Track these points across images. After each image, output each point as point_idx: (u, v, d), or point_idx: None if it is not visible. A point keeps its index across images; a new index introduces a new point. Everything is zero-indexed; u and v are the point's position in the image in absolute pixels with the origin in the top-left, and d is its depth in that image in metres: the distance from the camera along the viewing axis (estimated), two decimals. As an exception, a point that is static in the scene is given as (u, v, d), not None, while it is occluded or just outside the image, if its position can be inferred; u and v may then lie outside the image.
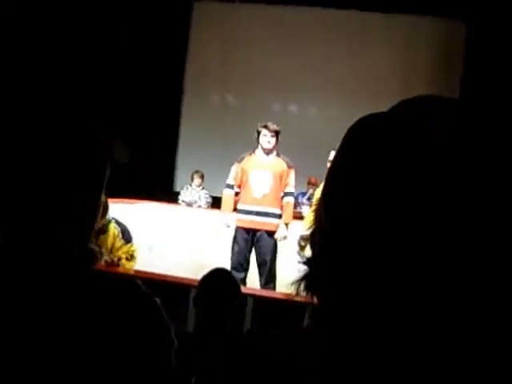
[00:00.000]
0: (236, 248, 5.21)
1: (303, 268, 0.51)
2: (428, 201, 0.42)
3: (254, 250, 5.22)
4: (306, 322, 3.71)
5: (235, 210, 5.33)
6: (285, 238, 5.15)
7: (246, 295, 4.12)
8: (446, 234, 0.42)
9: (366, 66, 9.95)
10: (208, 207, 8.66)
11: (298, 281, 0.50)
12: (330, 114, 10.21)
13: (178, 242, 6.66)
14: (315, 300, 0.51)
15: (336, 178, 0.49)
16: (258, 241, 5.17)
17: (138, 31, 9.64)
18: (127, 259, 3.98)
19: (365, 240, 0.45)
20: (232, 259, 5.23)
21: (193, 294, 4.09)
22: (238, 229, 5.22)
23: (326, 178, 0.50)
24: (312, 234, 0.51)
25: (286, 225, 5.16)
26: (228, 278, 2.58)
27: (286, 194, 5.22)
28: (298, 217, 6.31)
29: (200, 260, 5.78)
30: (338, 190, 0.48)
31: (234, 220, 5.26)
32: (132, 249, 4.07)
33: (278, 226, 5.15)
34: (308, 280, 0.50)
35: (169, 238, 6.71)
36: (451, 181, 0.42)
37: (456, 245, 0.41)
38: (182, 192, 8.93)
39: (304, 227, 5.03)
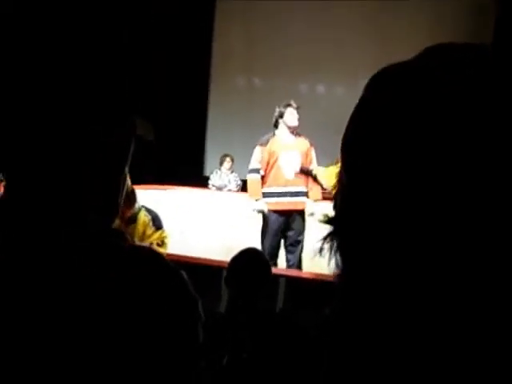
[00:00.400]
0: (271, 232, 5.19)
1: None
2: (444, 152, 0.41)
3: (286, 231, 5.22)
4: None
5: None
6: (312, 214, 5.16)
7: (278, 276, 4.14)
8: (465, 187, 0.41)
9: (393, 45, 9.76)
10: (238, 190, 8.66)
11: (321, 240, 0.50)
12: (358, 93, 10.04)
13: (208, 226, 6.69)
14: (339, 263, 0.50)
15: (354, 133, 0.48)
16: (293, 221, 5.18)
17: (164, 16, 9.64)
18: (158, 245, 3.98)
19: (383, 194, 0.44)
20: (265, 244, 5.19)
21: (224, 275, 4.13)
22: (270, 212, 5.20)
23: (344, 135, 0.49)
24: (335, 195, 0.50)
25: (315, 201, 5.18)
26: (258, 257, 2.59)
27: (312, 171, 5.24)
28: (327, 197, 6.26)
29: (231, 243, 5.81)
30: (357, 144, 0.47)
31: (265, 204, 5.24)
32: (163, 235, 4.08)
33: (306, 205, 5.17)
34: (331, 240, 0.50)
35: (200, 222, 6.75)
36: (465, 132, 0.41)
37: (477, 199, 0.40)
38: (211, 176, 8.94)
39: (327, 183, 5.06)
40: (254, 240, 5.42)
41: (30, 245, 0.68)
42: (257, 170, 5.32)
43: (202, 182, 9.28)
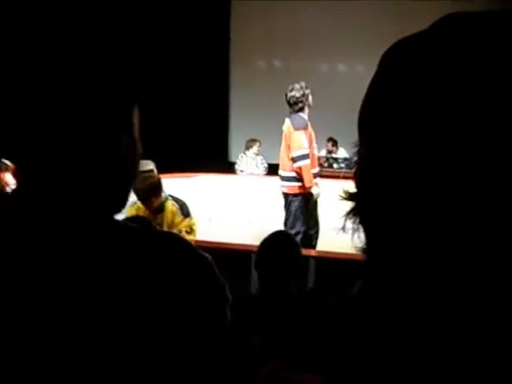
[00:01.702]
0: (309, 212, 5.32)
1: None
2: (461, 129, 0.39)
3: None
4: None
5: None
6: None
7: (308, 257, 4.14)
8: (484, 160, 0.39)
9: (414, 22, 9.60)
10: (265, 174, 8.68)
11: (344, 216, 0.49)
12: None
13: (236, 211, 6.72)
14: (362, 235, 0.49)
15: (370, 109, 0.47)
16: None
17: (181, 2, 9.63)
18: (187, 232, 4.04)
19: (402, 169, 0.43)
20: (307, 224, 5.30)
21: (253, 259, 4.15)
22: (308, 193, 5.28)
23: (361, 111, 0.49)
24: (355, 172, 0.50)
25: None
26: (288, 239, 2.59)
27: None
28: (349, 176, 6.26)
29: (259, 228, 5.83)
30: (373, 120, 0.46)
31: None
32: (191, 222, 4.13)
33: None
34: (353, 216, 0.49)
35: (227, 208, 6.78)
36: (485, 107, 0.39)
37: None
38: (238, 161, 8.97)
39: None
40: (281, 224, 5.43)
41: (33, 243, 0.68)
42: (307, 156, 5.20)
43: (227, 167, 9.31)
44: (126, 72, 0.73)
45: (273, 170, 8.95)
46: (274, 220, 5.99)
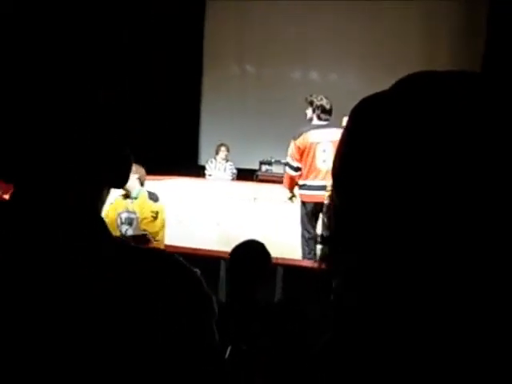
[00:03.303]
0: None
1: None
2: (425, 177, 0.44)
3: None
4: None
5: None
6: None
7: (276, 265, 4.17)
8: (459, 207, 0.43)
9: (383, 32, 9.76)
10: (233, 179, 8.69)
11: (319, 259, 0.53)
12: (351, 79, 10.07)
13: (205, 215, 6.71)
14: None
15: (343, 161, 0.52)
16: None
17: (155, 6, 9.58)
18: (153, 218, 4.27)
19: (375, 215, 0.47)
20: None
21: (222, 265, 4.16)
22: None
23: (334, 161, 0.53)
24: (327, 216, 0.54)
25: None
26: (258, 248, 2.61)
27: None
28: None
29: (228, 232, 5.84)
30: (346, 172, 0.51)
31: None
32: (159, 208, 4.35)
33: None
34: (328, 258, 0.53)
35: (196, 211, 6.77)
36: (460, 159, 0.43)
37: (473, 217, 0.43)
38: (207, 166, 8.96)
39: None
40: (250, 229, 5.45)
41: (30, 246, 0.69)
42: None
43: (197, 171, 9.28)
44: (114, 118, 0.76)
45: (243, 174, 8.97)
46: (241, 224, 6.02)
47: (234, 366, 2.02)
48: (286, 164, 5.27)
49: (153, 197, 4.41)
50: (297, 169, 5.07)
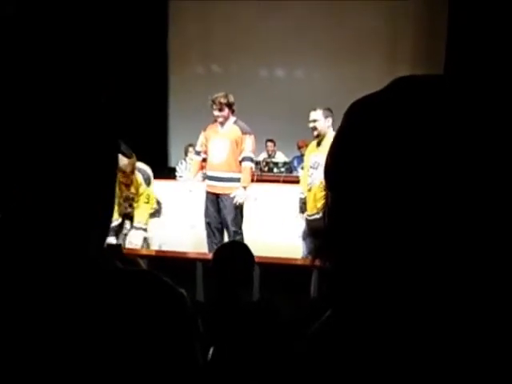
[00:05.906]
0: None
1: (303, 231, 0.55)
2: (413, 173, 0.47)
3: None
4: (312, 287, 3.77)
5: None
6: (242, 199, 5.48)
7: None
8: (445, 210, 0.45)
9: (351, 27, 9.83)
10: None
11: (313, 252, 0.55)
12: (318, 76, 10.14)
13: (177, 216, 6.68)
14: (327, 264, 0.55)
15: (336, 159, 0.54)
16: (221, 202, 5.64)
17: (118, 6, 9.47)
18: (145, 202, 5.14)
19: (369, 211, 0.49)
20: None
21: (198, 267, 4.15)
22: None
23: (326, 161, 0.55)
24: (323, 214, 0.56)
25: (244, 188, 5.50)
26: (242, 249, 2.61)
27: (244, 159, 5.54)
28: (296, 181, 6.38)
29: (201, 233, 5.83)
30: (339, 170, 0.53)
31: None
32: (149, 191, 5.22)
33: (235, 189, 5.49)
34: (321, 251, 0.55)
35: (169, 213, 6.73)
36: (445, 159, 0.46)
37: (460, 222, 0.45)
38: (177, 168, 8.91)
39: (301, 190, 5.15)
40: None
41: (17, 266, 0.69)
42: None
43: (167, 173, 9.22)
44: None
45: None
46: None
47: (217, 366, 2.02)
48: (249, 158, 5.57)
49: (147, 181, 5.17)
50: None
